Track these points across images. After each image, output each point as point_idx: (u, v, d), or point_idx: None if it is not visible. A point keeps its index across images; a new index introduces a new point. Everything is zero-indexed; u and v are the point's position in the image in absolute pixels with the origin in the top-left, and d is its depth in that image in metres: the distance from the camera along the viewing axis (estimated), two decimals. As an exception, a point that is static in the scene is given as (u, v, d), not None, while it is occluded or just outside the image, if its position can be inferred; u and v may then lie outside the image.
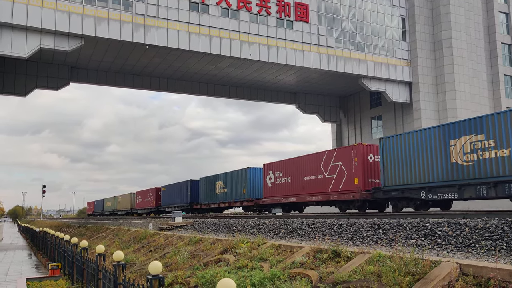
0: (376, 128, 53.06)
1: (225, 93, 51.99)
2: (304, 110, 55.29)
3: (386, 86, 46.02)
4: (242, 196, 33.86)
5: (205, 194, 40.59)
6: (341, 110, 57.28)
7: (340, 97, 57.21)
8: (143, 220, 33.47)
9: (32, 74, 43.50)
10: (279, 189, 28.54)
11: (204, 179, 41.38)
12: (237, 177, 34.89)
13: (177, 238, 17.39)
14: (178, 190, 46.37)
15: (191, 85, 50.10)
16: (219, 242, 13.46)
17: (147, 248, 18.16)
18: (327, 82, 50.55)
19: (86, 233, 37.53)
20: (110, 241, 25.06)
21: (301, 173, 26.47)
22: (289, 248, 10.41)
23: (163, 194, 51.04)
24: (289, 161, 28.12)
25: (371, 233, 10.77)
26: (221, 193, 37.44)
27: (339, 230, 11.85)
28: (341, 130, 57.82)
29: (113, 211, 71.50)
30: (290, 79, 49.16)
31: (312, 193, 25.32)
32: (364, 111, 54.47)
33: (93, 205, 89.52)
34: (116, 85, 48.57)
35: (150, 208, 54.28)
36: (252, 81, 49.76)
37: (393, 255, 7.58)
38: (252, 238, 13.22)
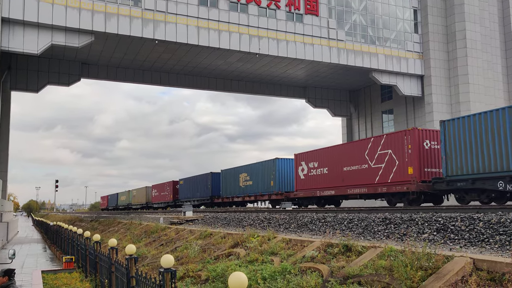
0: (387, 122, 52.61)
1: (234, 88, 51.94)
2: (314, 105, 55.02)
3: (397, 79, 45.57)
4: (269, 189, 32.71)
5: (228, 187, 39.77)
6: (351, 104, 56.90)
7: (350, 91, 56.81)
8: (154, 214, 33.75)
9: (44, 70, 43.91)
10: (314, 181, 26.90)
11: (226, 171, 40.42)
12: (263, 169, 33.83)
13: (188, 232, 17.50)
14: (197, 183, 45.77)
15: (201, 80, 50.14)
16: (229, 236, 13.52)
17: (159, 242, 18.32)
18: (337, 76, 50.21)
19: (99, 227, 37.97)
20: (122, 235, 25.33)
21: (341, 163, 24.65)
22: (299, 242, 10.43)
23: (181, 188, 50.63)
24: (326, 150, 26.44)
25: (382, 228, 10.72)
26: (246, 186, 36.52)
27: (350, 225, 11.83)
28: (351, 125, 57.45)
29: (128, 205, 71.55)
30: (299, 73, 48.93)
31: (355, 185, 23.46)
32: (375, 105, 54.04)
33: (106, 199, 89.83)
34: (126, 81, 48.79)
35: (167, 202, 53.87)
36: (262, 75, 49.63)
37: (405, 249, 7.53)
38: (262, 232, 13.25)
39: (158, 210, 53.69)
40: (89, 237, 13.66)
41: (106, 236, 28.11)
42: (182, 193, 50.08)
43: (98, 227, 38.80)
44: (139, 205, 65.68)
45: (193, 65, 46.61)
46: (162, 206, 56.07)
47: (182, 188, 50.33)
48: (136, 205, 67.08)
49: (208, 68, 47.19)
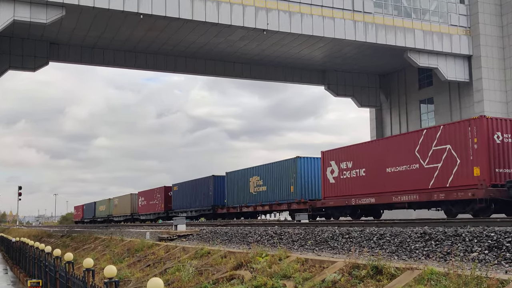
0: (426, 114, 52.44)
1: (237, 73, 51.95)
2: (336, 93, 54.91)
3: (438, 61, 45.32)
4: (289, 196, 32.29)
5: (234, 194, 39.67)
6: (382, 91, 56.71)
7: (380, 75, 56.61)
8: (139, 228, 33.85)
9: (4, 52, 44.20)
10: (347, 186, 26.29)
11: (232, 174, 40.43)
12: (281, 171, 33.44)
13: (181, 250, 17.53)
14: (196, 189, 45.66)
15: (195, 63, 50.23)
16: (231, 255, 13.52)
17: (144, 262, 18.34)
18: (364, 57, 50.02)
19: (71, 244, 38.16)
20: (100, 254, 25.43)
21: (383, 163, 23.96)
22: (318, 263, 10.37)
23: (175, 195, 50.66)
24: (363, 146, 26.01)
25: (420, 245, 10.70)
26: (258, 193, 36.29)
27: (381, 241, 11.81)
28: (382, 117, 57.27)
29: (108, 217, 71.81)
30: (317, 54, 48.80)
31: (402, 191, 22.65)
32: (411, 93, 53.82)
33: (81, 210, 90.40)
34: (104, 64, 48.97)
35: (158, 213, 53.98)
36: (270, 57, 49.58)
37: (449, 272, 7.48)
38: (272, 250, 13.22)
39: (146, 223, 53.95)
40: (59, 256, 13.73)
41: (80, 255, 28.21)
42: (177, 202, 50.17)
43: (70, 244, 38.98)
44: (123, 217, 65.93)
45: (186, 45, 46.68)
46: (152, 218, 56.22)
47: (176, 196, 50.41)
48: (119, 216, 67.36)
49: (204, 48, 47.23)
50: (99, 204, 77.98)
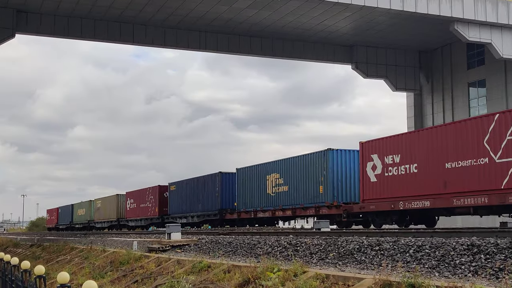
0: (477, 99, 52.13)
1: (243, 48, 51.90)
2: (365, 73, 54.74)
3: (492, 34, 44.98)
4: (317, 199, 31.99)
5: (247, 195, 39.64)
6: (422, 72, 56.44)
7: (420, 52, 56.31)
8: (124, 236, 34.15)
9: (-39, 21, 44.46)
10: (394, 186, 25.98)
11: (244, 171, 40.28)
12: (307, 167, 33.05)
13: (175, 263, 17.68)
14: (199, 189, 45.44)
15: (193, 36, 50.24)
16: (236, 270, 13.64)
17: (131, 278, 18.52)
18: (401, 30, 49.78)
19: (42, 255, 38.59)
20: (77, 267, 25.71)
21: (441, 156, 23.68)
22: (341, 279, 10.44)
23: (172, 196, 50.70)
24: (414, 136, 25.69)
25: (467, 259, 10.73)
26: (278, 194, 36.05)
27: (418, 254, 11.84)
28: (421, 103, 57.03)
29: (89, 223, 72.18)
30: (343, 25, 48.61)
31: (466, 193, 22.33)
32: (457, 74, 53.52)
33: (56, 214, 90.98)
34: (82, 37, 49.08)
35: (150, 218, 54.12)
36: (285, 29, 49.47)
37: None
38: (285, 264, 13.31)
39: (136, 230, 54.13)
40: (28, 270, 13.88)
41: (53, 268, 28.52)
42: (174, 205, 50.20)
43: (41, 254, 39.41)
44: (107, 223, 66.30)
45: (182, 14, 46.70)
46: (143, 224, 56.36)
47: (173, 197, 50.45)
48: (102, 222, 67.73)
49: (204, 18, 47.23)
50: (78, 207, 78.26)
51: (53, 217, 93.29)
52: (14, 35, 45.82)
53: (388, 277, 9.58)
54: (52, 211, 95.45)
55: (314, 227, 26.26)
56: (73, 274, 22.69)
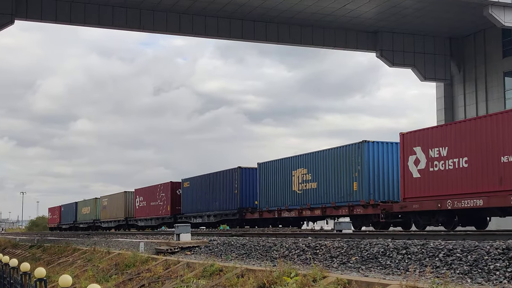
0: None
1: (258, 35, 51.84)
2: (391, 61, 54.50)
3: (530, 19, 44.54)
4: (351, 197, 31.52)
5: (270, 193, 39.23)
6: (453, 60, 56.07)
7: (451, 39, 55.93)
8: (130, 237, 34.33)
9: (-43, 6, 44.81)
10: (440, 182, 25.29)
11: (267, 166, 39.86)
12: (339, 161, 32.61)
13: (184, 266, 17.76)
14: (216, 186, 45.28)
15: (205, 21, 50.26)
16: (250, 274, 13.66)
17: (137, 282, 18.63)
18: (430, 15, 49.46)
19: (43, 257, 38.96)
20: (80, 270, 25.94)
21: (495, 149, 23.03)
22: (365, 285, 10.46)
23: (186, 194, 50.38)
24: (464, 125, 25.21)
25: (502, 264, 10.66)
26: (305, 191, 35.52)
27: (449, 259, 11.82)
28: (452, 94, 56.66)
29: (94, 222, 72.42)
30: (367, 9, 48.40)
31: None
32: (492, 63, 53.10)
33: (58, 213, 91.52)
34: (86, 24, 49.26)
35: (162, 217, 53.79)
36: (304, 14, 49.36)
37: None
38: (304, 268, 13.32)
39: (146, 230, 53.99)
40: (28, 272, 13.99)
41: (54, 270, 28.79)
42: (188, 203, 49.90)
43: (42, 256, 39.77)
44: (114, 223, 66.37)
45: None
46: (154, 224, 56.09)
47: (187, 195, 50.14)
48: (109, 222, 67.79)
49: (216, 2, 47.24)
50: (82, 206, 78.40)
51: (55, 216, 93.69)
52: (13, 21, 46.07)
53: (416, 283, 9.55)
54: (54, 210, 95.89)
55: (335, 229, 26.20)
56: (75, 277, 22.86)
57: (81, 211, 78.59)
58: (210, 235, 26.73)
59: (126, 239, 31.90)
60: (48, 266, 30.88)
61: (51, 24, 50.67)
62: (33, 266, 22.43)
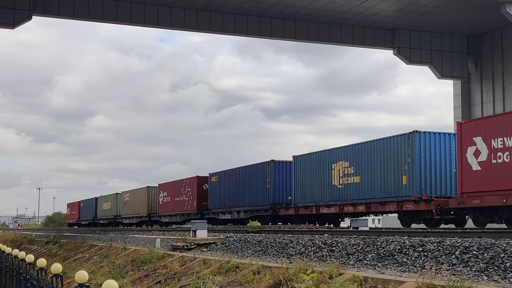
0: (531, 88, 51.42)
1: (276, 32, 51.85)
2: (409, 59, 54.31)
3: (550, 16, 44.20)
4: (400, 192, 29.66)
5: (307, 187, 37.36)
6: (470, 58, 55.76)
7: (469, 37, 55.61)
8: (146, 234, 34.54)
9: (-24, 4, 45.22)
10: (505, 175, 23.70)
11: (303, 159, 38.07)
12: (386, 153, 30.85)
13: (201, 262, 17.86)
14: (245, 180, 43.79)
15: (222, 18, 50.37)
16: (266, 271, 13.73)
17: (154, 278, 18.75)
18: (447, 12, 49.21)
19: (59, 253, 39.27)
20: (96, 266, 26.11)
21: None
22: (381, 283, 10.50)
23: (213, 189, 48.88)
24: None
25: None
26: (347, 186, 33.80)
27: (465, 256, 11.85)
28: (469, 92, 56.33)
29: (115, 218, 71.18)
30: (384, 6, 48.24)
31: None
32: (509, 61, 52.70)
33: (77, 209, 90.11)
34: (104, 20, 49.54)
35: (188, 213, 52.00)
36: (321, 11, 49.31)
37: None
38: (320, 265, 13.37)
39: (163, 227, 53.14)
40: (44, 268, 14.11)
41: (70, 266, 29.00)
42: (215, 199, 48.38)
43: (58, 252, 40.09)
44: (136, 219, 64.61)
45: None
46: (178, 220, 54.62)
47: (215, 190, 48.60)
48: (131, 218, 66.06)
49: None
50: (103, 201, 77.11)
51: (74, 212, 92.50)
52: (30, 17, 46.43)
53: (432, 281, 9.59)
54: (73, 205, 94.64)
55: (352, 226, 26.22)
56: (91, 273, 23.04)
57: (101, 207, 77.51)
58: (226, 232, 26.84)
59: (142, 235, 32.11)
60: (64, 262, 31.13)
61: (69, 20, 50.94)
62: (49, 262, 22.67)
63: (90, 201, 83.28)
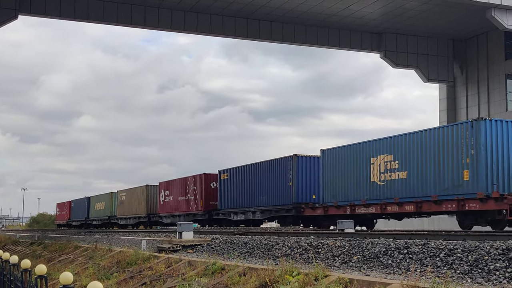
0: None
1: (263, 34, 51.89)
2: (395, 62, 54.56)
3: (534, 21, 44.53)
4: (460, 189, 26.09)
5: (339, 185, 33.55)
6: (456, 62, 56.11)
7: (455, 41, 55.96)
8: (132, 235, 34.44)
9: (-39, 2, 44.89)
10: None
11: (334, 152, 34.34)
12: (441, 144, 27.20)
13: (186, 264, 17.84)
14: (263, 177, 40.19)
15: (210, 20, 50.33)
16: (252, 273, 13.76)
17: (139, 280, 18.71)
18: (434, 17, 49.47)
19: (44, 254, 39.01)
20: (81, 267, 25.98)
21: None
22: (366, 285, 10.55)
23: (223, 187, 45.37)
24: None
25: (502, 265, 10.75)
26: (389, 182, 29.93)
27: (449, 259, 11.91)
28: (455, 96, 56.71)
29: (110, 219, 68.02)
30: (371, 10, 48.43)
31: None
32: (494, 65, 53.12)
33: (68, 209, 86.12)
34: (90, 20, 49.33)
35: (193, 213, 48.45)
36: (308, 14, 49.41)
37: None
38: (306, 267, 13.41)
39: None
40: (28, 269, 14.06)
41: (55, 268, 28.83)
42: (226, 198, 44.89)
43: (42, 253, 39.83)
44: (133, 219, 61.10)
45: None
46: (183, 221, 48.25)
47: (225, 188, 45.16)
48: (127, 218, 62.71)
49: (221, 0, 47.28)
50: (96, 201, 73.81)
51: (65, 212, 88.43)
52: (17, 16, 46.12)
53: (417, 283, 9.64)
54: (63, 205, 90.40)
55: (337, 228, 26.28)
56: (76, 274, 22.91)
57: (94, 207, 74.08)
58: (212, 234, 26.82)
59: (128, 237, 32.02)
60: (48, 264, 30.96)
61: (55, 20, 50.72)
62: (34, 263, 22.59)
63: (81, 201, 79.94)
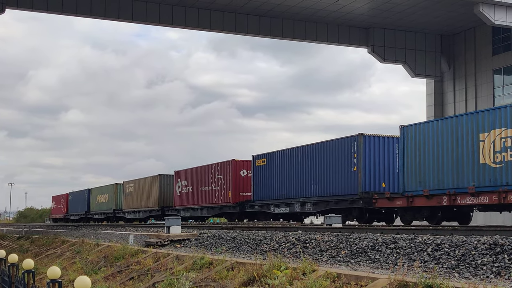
0: (502, 88, 51.92)
1: (251, 29, 51.82)
2: (383, 57, 54.64)
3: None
4: None
5: (429, 169, 27.06)
6: (443, 57, 56.28)
7: (442, 36, 56.12)
8: (119, 230, 34.34)
9: None
10: None
11: (420, 128, 27.89)
12: None
13: (174, 259, 17.80)
14: (315, 162, 34.25)
15: (198, 14, 50.18)
16: (240, 267, 13.74)
17: (127, 274, 18.65)
18: (421, 12, 49.59)
19: (31, 248, 38.84)
20: (68, 262, 25.91)
21: None
22: (354, 279, 10.54)
23: (258, 175, 39.86)
24: None
25: (489, 259, 10.81)
26: (509, 164, 23.43)
27: (437, 254, 11.95)
28: (442, 91, 56.90)
29: (115, 212, 62.90)
30: (359, 5, 48.46)
31: None
32: (481, 60, 53.32)
33: (65, 202, 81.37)
34: (77, 14, 49.00)
35: (220, 206, 43.29)
36: (296, 8, 49.36)
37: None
38: (294, 262, 13.40)
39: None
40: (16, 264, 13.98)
41: (42, 262, 28.74)
42: (263, 188, 39.26)
43: (30, 248, 39.66)
44: (144, 213, 55.72)
45: (185, -9, 46.59)
46: (206, 215, 46.32)
47: (261, 177, 39.64)
48: (136, 212, 57.55)
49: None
50: (98, 193, 68.82)
51: (61, 206, 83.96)
52: (4, 10, 45.75)
53: (404, 277, 9.66)
54: (60, 198, 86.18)
55: (325, 223, 26.28)
56: (64, 269, 22.85)
57: (95, 200, 69.09)
58: (200, 228, 26.78)
59: (115, 231, 31.93)
60: (36, 258, 30.84)
61: (44, 14, 50.34)
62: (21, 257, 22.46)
63: (81, 193, 75.06)
